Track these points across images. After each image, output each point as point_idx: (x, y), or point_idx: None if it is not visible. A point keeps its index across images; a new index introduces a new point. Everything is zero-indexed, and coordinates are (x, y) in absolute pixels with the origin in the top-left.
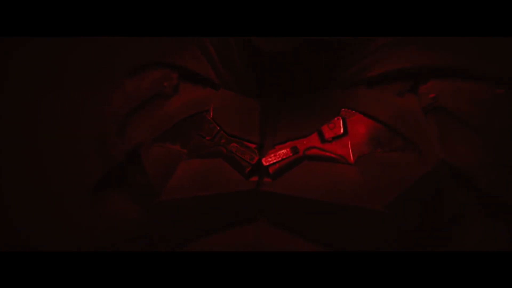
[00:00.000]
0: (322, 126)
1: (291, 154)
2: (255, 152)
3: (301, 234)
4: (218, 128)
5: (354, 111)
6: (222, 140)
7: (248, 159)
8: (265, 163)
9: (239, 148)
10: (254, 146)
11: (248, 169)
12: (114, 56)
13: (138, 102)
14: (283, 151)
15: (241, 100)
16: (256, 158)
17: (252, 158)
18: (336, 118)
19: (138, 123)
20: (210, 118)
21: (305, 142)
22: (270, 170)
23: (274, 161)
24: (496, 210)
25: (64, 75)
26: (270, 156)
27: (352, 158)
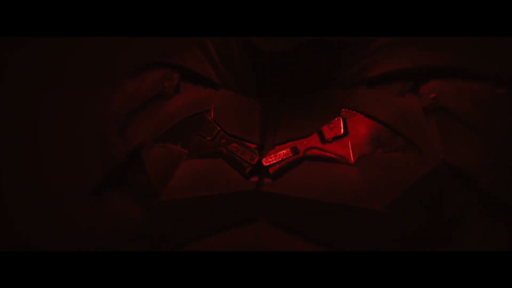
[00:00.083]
0: (322, 127)
1: (291, 155)
2: (255, 152)
3: (301, 235)
4: (219, 128)
5: (354, 111)
6: (223, 140)
7: (248, 159)
8: (265, 164)
9: (239, 148)
10: (254, 146)
11: (248, 169)
12: (114, 56)
13: (139, 102)
14: (283, 152)
15: (241, 100)
16: (256, 159)
17: (252, 158)
18: (336, 119)
19: (139, 123)
20: (210, 118)
21: (305, 143)
22: (270, 170)
23: (274, 161)
24: (496, 210)
25: (64, 75)
26: (270, 156)
27: (352, 158)
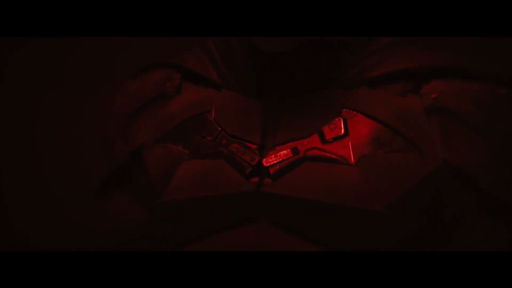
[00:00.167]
0: (323, 127)
1: (292, 155)
2: (256, 152)
3: (301, 235)
4: (220, 128)
5: (355, 112)
6: (224, 140)
7: (248, 160)
8: (265, 164)
9: (240, 148)
10: (255, 146)
11: (248, 169)
12: (114, 56)
13: (141, 103)
14: (284, 152)
15: (242, 100)
16: (256, 159)
17: (252, 158)
18: (337, 119)
19: (141, 124)
20: (211, 119)
21: (305, 143)
22: (271, 170)
23: (275, 161)
24: (496, 210)
25: (64, 75)
26: (271, 157)
27: (352, 159)
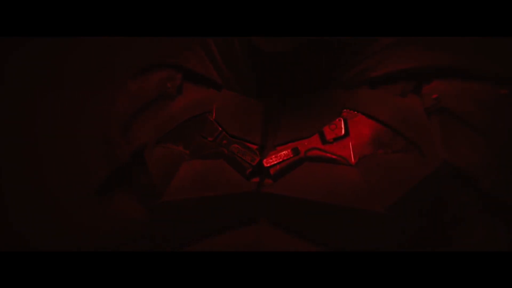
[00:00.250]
0: (323, 127)
1: (292, 155)
2: (256, 153)
3: (301, 235)
4: (220, 129)
5: (355, 112)
6: (224, 141)
7: (249, 160)
8: (266, 164)
9: (240, 149)
10: (255, 147)
11: (249, 170)
12: (114, 56)
13: (142, 103)
14: (284, 152)
15: (243, 101)
16: (257, 159)
17: (253, 159)
18: (337, 119)
19: (142, 124)
20: (212, 119)
21: (306, 143)
22: (271, 171)
23: (275, 162)
24: (496, 210)
25: (64, 75)
26: (271, 157)
27: (353, 159)
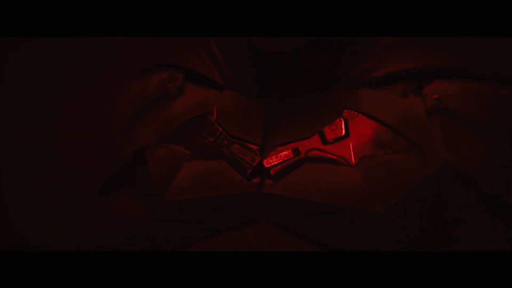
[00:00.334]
0: (324, 128)
1: (293, 156)
2: (257, 153)
3: (301, 236)
4: (221, 129)
5: (356, 112)
6: (225, 141)
7: (249, 161)
8: (266, 165)
9: (241, 149)
10: (256, 147)
11: (249, 170)
12: (114, 56)
13: (144, 103)
14: (285, 153)
15: (244, 101)
16: (257, 160)
17: (253, 159)
18: (338, 120)
19: (144, 124)
20: (213, 120)
21: (306, 144)
22: (271, 171)
23: (275, 162)
24: (497, 210)
25: (64, 75)
26: (272, 157)
27: (353, 159)
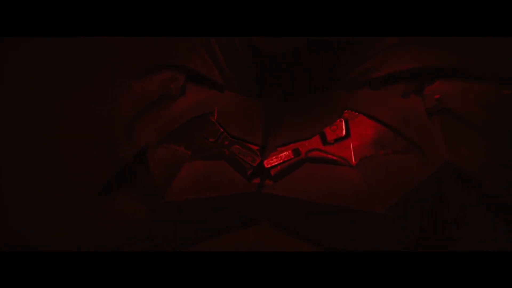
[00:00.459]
0: (324, 128)
1: (293, 156)
2: (257, 154)
3: (301, 236)
4: (222, 130)
5: (357, 113)
6: (225, 142)
7: (249, 161)
8: (266, 165)
9: (241, 150)
10: (256, 148)
11: (250, 171)
12: (114, 56)
13: (145, 104)
14: (285, 153)
15: (245, 102)
16: (257, 160)
17: (253, 160)
18: (338, 120)
19: (145, 125)
20: (214, 120)
21: (307, 144)
22: (272, 172)
23: (276, 163)
24: (497, 210)
25: (64, 75)
26: (272, 158)
27: (353, 160)
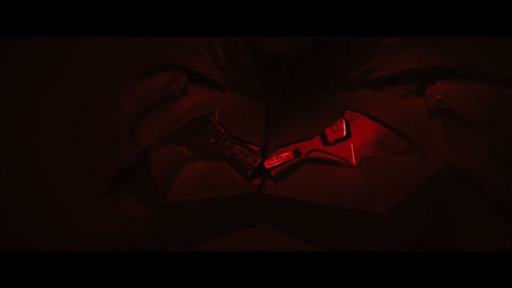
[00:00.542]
0: (325, 129)
1: (293, 157)
2: (258, 154)
3: (302, 236)
4: (223, 130)
5: (358, 113)
6: (226, 142)
7: (250, 162)
8: (267, 166)
9: (242, 150)
10: (257, 148)
11: (250, 171)
12: (114, 56)
13: (148, 104)
14: (286, 154)
15: (246, 102)
16: (258, 161)
17: (254, 160)
18: (339, 121)
19: (147, 125)
20: (215, 121)
21: (307, 145)
22: (272, 172)
23: (276, 163)
24: (498, 210)
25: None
26: (272, 159)
27: (354, 161)
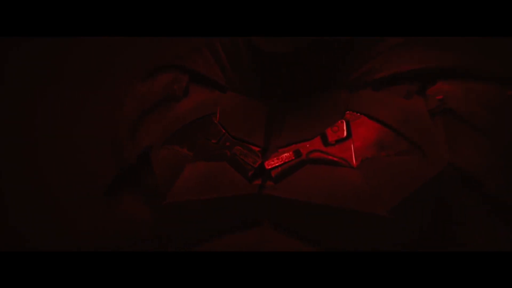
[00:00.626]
0: (326, 129)
1: (294, 157)
2: (258, 155)
3: (302, 237)
4: (224, 131)
5: (359, 114)
6: (227, 143)
7: (251, 162)
8: (267, 167)
9: (243, 151)
10: (258, 149)
11: (251, 172)
12: (114, 56)
13: (149, 105)
14: (286, 155)
15: (247, 103)
16: (258, 162)
17: (254, 161)
18: (340, 121)
19: (149, 126)
20: (216, 121)
21: (308, 146)
22: (273, 173)
23: (277, 164)
24: (499, 211)
25: (64, 75)
26: (273, 159)
27: (354, 161)
